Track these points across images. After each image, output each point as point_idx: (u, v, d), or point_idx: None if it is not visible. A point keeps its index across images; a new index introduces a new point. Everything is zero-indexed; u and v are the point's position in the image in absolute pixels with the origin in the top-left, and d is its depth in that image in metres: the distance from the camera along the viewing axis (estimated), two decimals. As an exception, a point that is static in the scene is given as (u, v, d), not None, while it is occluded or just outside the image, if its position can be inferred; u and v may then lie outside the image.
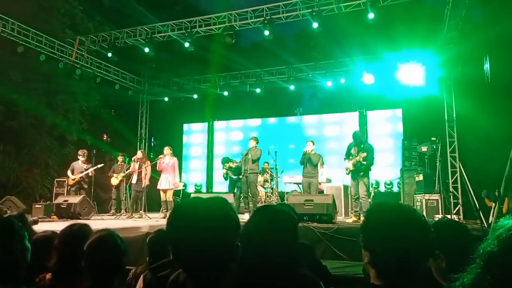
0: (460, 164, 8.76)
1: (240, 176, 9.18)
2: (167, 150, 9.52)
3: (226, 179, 9.93)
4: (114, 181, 10.07)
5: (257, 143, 8.78)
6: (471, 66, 8.60)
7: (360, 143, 7.85)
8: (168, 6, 17.36)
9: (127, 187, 9.88)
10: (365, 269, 1.31)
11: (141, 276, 2.60)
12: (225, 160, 9.84)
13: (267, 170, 11.12)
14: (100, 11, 14.99)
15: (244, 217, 7.91)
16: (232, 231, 1.28)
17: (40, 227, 5.31)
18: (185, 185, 13.35)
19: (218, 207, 1.28)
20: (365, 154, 7.59)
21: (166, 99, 14.09)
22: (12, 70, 11.66)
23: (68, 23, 13.01)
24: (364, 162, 7.64)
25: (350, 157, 7.84)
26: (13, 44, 9.92)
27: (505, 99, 8.19)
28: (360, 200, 7.69)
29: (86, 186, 9.92)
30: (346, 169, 7.96)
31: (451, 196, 8.70)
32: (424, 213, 7.91)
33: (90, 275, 1.94)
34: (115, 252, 2.00)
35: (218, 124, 15.18)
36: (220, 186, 13.38)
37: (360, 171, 7.71)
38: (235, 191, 9.56)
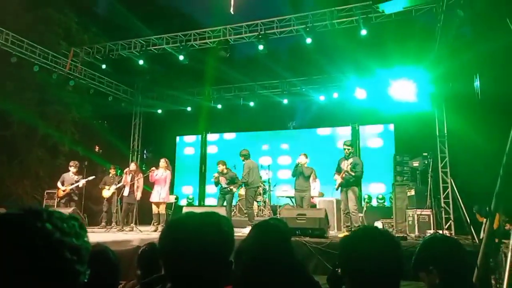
0: (452, 180, 8.83)
1: (231, 187, 9.26)
2: (162, 162, 9.42)
3: (217, 185, 9.69)
4: (106, 193, 9.97)
5: (241, 157, 8.90)
6: (462, 83, 8.74)
7: (349, 156, 7.93)
8: (163, 19, 17.47)
9: (118, 199, 9.79)
10: None
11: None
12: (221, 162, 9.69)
13: (260, 183, 11.12)
14: (95, 23, 15.06)
15: (245, 231, 7.91)
16: (226, 247, 1.27)
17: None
18: (177, 198, 13.26)
19: (212, 222, 1.28)
20: (351, 160, 7.69)
21: (159, 111, 14.08)
22: (5, 80, 11.63)
23: (63, 35, 13.05)
24: (353, 173, 7.69)
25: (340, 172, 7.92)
26: (7, 55, 9.90)
27: (495, 115, 8.30)
28: (350, 214, 7.70)
29: (76, 198, 9.81)
30: (336, 185, 8.02)
31: (443, 212, 8.75)
32: (416, 229, 7.93)
33: None
34: (108, 268, 1.96)
35: (211, 137, 15.17)
36: (212, 199, 13.32)
37: (349, 183, 7.75)
38: (224, 204, 9.36)
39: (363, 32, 8.68)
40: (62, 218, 0.79)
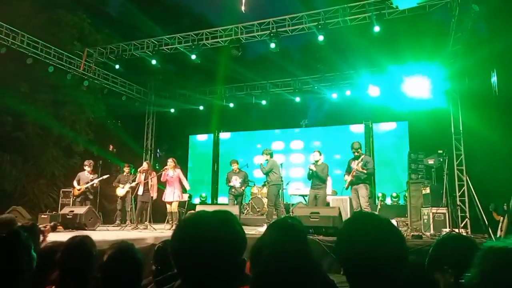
0: (468, 177, 8.69)
1: (243, 188, 9.77)
2: (170, 162, 9.48)
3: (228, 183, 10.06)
4: (120, 191, 10.08)
5: (266, 155, 8.97)
6: (477, 79, 8.60)
7: (359, 156, 7.86)
8: (176, 19, 17.56)
9: (133, 198, 9.89)
10: None
11: (148, 288, 2.58)
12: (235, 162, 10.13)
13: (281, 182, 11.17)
14: (108, 23, 15.21)
15: (262, 230, 7.93)
16: (238, 246, 1.27)
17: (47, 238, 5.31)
18: (190, 197, 13.34)
19: (224, 221, 1.27)
20: (362, 158, 7.63)
21: (172, 110, 14.17)
22: (20, 81, 11.81)
23: (76, 35, 13.18)
24: (365, 171, 7.64)
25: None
26: (23, 56, 10.05)
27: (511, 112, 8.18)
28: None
29: (91, 197, 9.95)
30: (346, 185, 7.98)
31: (459, 210, 8.62)
32: (431, 227, 7.83)
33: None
34: (134, 266, 1.99)
35: (223, 136, 15.21)
36: (225, 197, 13.36)
37: (360, 180, 7.70)
38: (235, 203, 9.69)
39: (376, 28, 8.58)
40: None
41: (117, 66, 11.16)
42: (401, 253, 1.25)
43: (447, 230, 7.50)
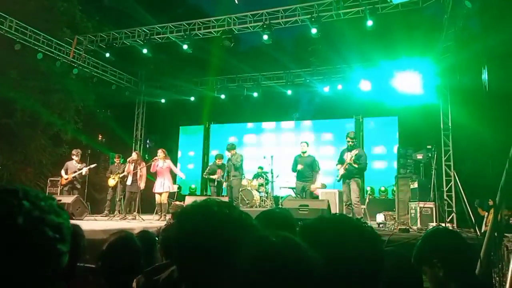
0: (455, 173, 8.79)
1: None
2: (160, 153, 9.46)
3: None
4: (111, 182, 10.01)
5: (233, 150, 9.49)
6: (468, 75, 8.65)
7: (352, 148, 7.87)
8: (168, 8, 17.36)
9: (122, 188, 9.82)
10: None
11: (135, 280, 2.57)
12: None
13: (262, 174, 11.14)
14: (99, 11, 14.97)
15: None
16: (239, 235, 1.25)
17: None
18: (179, 188, 13.29)
19: (227, 211, 1.26)
20: (355, 152, 7.62)
21: (163, 100, 14.06)
22: (9, 68, 11.60)
23: (66, 22, 12.96)
24: (356, 166, 7.64)
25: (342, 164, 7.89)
26: (11, 42, 9.87)
27: (501, 109, 8.25)
28: (352, 206, 7.67)
29: (79, 186, 9.85)
30: (337, 176, 7.99)
31: (446, 204, 8.72)
32: (418, 221, 7.92)
33: (105, 277, 1.95)
34: (134, 255, 2.02)
35: (214, 127, 15.15)
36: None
37: (352, 174, 7.71)
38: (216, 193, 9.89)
39: (369, 23, 8.58)
40: (39, 197, 0.75)
41: (107, 55, 11.01)
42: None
43: (434, 224, 7.59)
